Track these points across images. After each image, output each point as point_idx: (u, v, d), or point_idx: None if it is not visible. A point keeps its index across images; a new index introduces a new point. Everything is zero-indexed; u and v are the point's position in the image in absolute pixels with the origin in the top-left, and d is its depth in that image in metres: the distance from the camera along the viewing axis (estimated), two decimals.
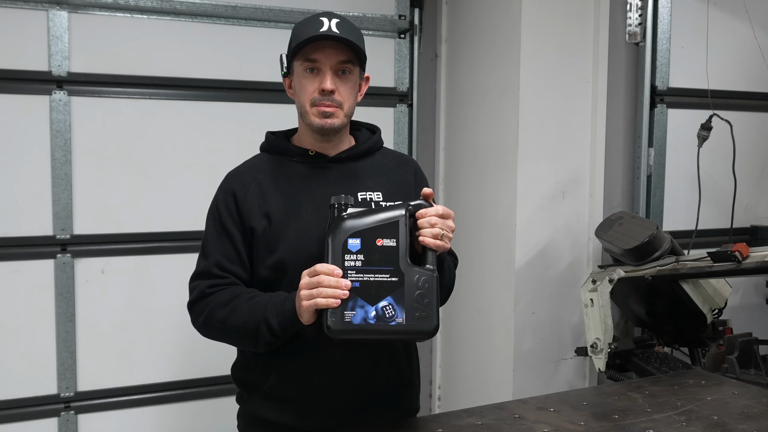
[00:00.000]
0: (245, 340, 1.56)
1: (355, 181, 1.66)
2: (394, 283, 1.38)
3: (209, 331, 1.62)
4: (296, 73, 1.61)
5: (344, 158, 1.67)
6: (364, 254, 1.38)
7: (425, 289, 1.39)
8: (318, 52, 1.56)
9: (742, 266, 2.30)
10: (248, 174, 1.67)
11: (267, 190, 1.63)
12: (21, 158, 2.56)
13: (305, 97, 1.59)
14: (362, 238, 1.39)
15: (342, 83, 1.59)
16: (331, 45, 1.56)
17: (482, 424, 1.58)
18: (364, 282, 1.37)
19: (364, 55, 1.61)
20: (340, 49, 1.57)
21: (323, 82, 1.56)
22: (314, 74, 1.58)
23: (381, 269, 1.38)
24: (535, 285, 2.79)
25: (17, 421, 2.60)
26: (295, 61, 1.61)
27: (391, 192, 1.67)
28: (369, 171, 1.69)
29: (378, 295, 1.37)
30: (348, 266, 1.37)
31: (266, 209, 1.60)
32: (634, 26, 3.00)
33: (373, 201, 1.64)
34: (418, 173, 1.78)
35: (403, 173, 1.74)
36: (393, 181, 1.70)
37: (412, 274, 1.39)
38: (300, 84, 1.60)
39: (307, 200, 1.61)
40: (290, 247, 1.58)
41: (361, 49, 1.59)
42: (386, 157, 1.76)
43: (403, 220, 1.42)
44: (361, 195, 1.64)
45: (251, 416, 1.68)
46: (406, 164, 1.78)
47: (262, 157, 1.72)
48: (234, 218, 1.63)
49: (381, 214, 1.43)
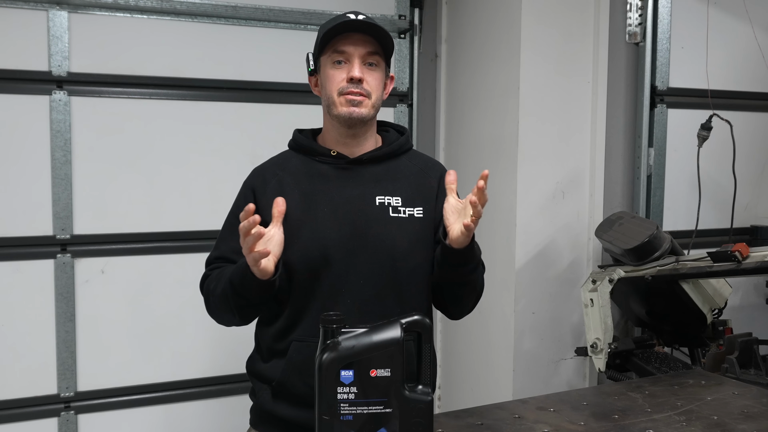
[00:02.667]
0: (227, 306, 1.58)
1: (375, 185, 1.64)
2: (388, 414, 1.33)
3: (211, 309, 1.66)
4: (324, 66, 1.62)
5: (366, 160, 1.66)
6: (357, 386, 1.32)
7: (420, 416, 1.34)
8: (347, 43, 1.58)
9: (742, 266, 2.30)
10: (271, 171, 1.69)
11: (287, 187, 1.63)
12: (21, 158, 2.56)
13: (332, 87, 1.60)
14: (355, 369, 1.32)
15: (370, 74, 1.60)
16: (360, 36, 1.58)
17: (482, 424, 1.58)
18: (357, 415, 1.32)
19: (390, 49, 1.63)
20: (367, 40, 1.59)
21: (351, 70, 1.58)
22: (342, 66, 1.60)
23: (375, 401, 1.33)
24: (535, 285, 2.79)
25: (17, 421, 2.60)
26: (322, 56, 1.62)
27: (410, 197, 1.66)
28: (391, 174, 1.67)
29: (371, 428, 1.33)
30: (341, 399, 1.32)
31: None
32: (634, 26, 3.00)
33: (390, 206, 1.63)
34: (443, 179, 1.72)
35: (427, 179, 1.71)
36: (414, 186, 1.68)
37: (406, 403, 1.34)
38: (327, 76, 1.61)
39: (324, 201, 1.62)
40: (302, 246, 1.58)
41: (388, 42, 1.61)
42: (412, 161, 1.73)
43: (398, 345, 1.33)
44: (379, 199, 1.63)
45: (262, 411, 1.69)
46: (431, 169, 1.74)
47: (288, 155, 1.73)
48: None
49: (375, 336, 1.34)
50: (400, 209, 1.64)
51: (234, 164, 2.78)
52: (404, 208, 1.64)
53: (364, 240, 1.60)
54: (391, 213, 1.63)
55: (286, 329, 1.62)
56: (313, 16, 2.88)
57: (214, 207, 2.72)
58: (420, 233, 1.64)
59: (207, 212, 2.77)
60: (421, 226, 1.65)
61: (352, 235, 1.60)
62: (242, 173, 1.76)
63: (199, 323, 2.74)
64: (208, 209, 2.78)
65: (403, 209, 1.64)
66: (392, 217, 1.63)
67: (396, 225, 1.62)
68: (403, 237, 1.62)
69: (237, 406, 2.85)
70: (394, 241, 1.61)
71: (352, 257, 1.60)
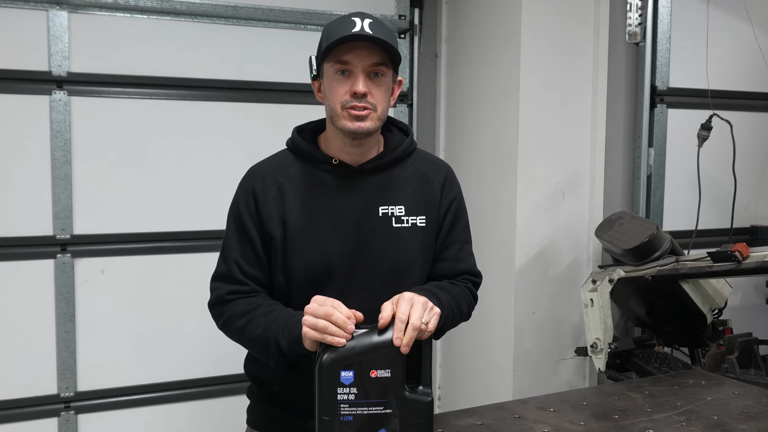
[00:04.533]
0: (259, 354, 1.54)
1: (378, 194, 1.60)
2: (388, 415, 1.33)
3: (229, 335, 1.61)
4: (326, 75, 1.54)
5: (369, 169, 1.60)
6: (357, 387, 1.32)
7: (420, 416, 1.35)
8: (350, 54, 1.49)
9: (742, 266, 2.30)
10: (270, 177, 1.60)
11: (287, 196, 1.57)
12: (21, 158, 2.56)
13: (336, 100, 1.51)
14: (355, 370, 1.32)
15: (374, 86, 1.51)
16: (364, 46, 1.48)
17: (482, 424, 1.58)
18: (357, 415, 1.33)
19: (398, 57, 1.54)
20: (372, 51, 1.49)
21: (355, 84, 1.49)
22: (345, 76, 1.50)
23: (375, 402, 1.33)
24: (535, 285, 2.79)
25: (17, 421, 2.60)
26: (325, 63, 1.53)
27: (414, 206, 1.62)
28: (394, 183, 1.63)
29: (372, 429, 1.33)
30: (341, 399, 1.32)
31: (284, 217, 1.56)
32: (634, 26, 3.00)
33: (394, 215, 1.60)
34: (448, 182, 1.69)
35: (429, 186, 1.65)
36: (417, 193, 1.64)
37: (406, 404, 1.34)
38: (330, 87, 1.53)
39: (326, 212, 1.57)
40: (304, 259, 1.55)
41: (395, 51, 1.51)
42: (416, 164, 1.67)
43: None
44: (383, 209, 1.60)
45: (260, 411, 1.68)
46: (434, 174, 1.68)
47: (287, 157, 1.64)
48: (254, 220, 1.58)
49: (375, 337, 1.34)
50: (403, 218, 1.61)
51: (234, 164, 2.77)
52: (407, 217, 1.61)
53: (367, 253, 1.58)
54: (394, 224, 1.60)
55: None
56: (313, 16, 2.88)
57: (213, 207, 2.73)
58: (422, 242, 1.63)
59: (207, 212, 2.77)
60: (423, 235, 1.63)
61: (354, 247, 1.57)
62: (242, 173, 1.74)
63: (198, 323, 2.74)
64: (207, 209, 2.78)
65: (406, 218, 1.61)
66: (395, 228, 1.60)
67: (398, 236, 1.60)
68: (406, 248, 1.60)
69: (236, 406, 2.83)
70: (396, 254, 1.59)
71: (355, 270, 1.58)
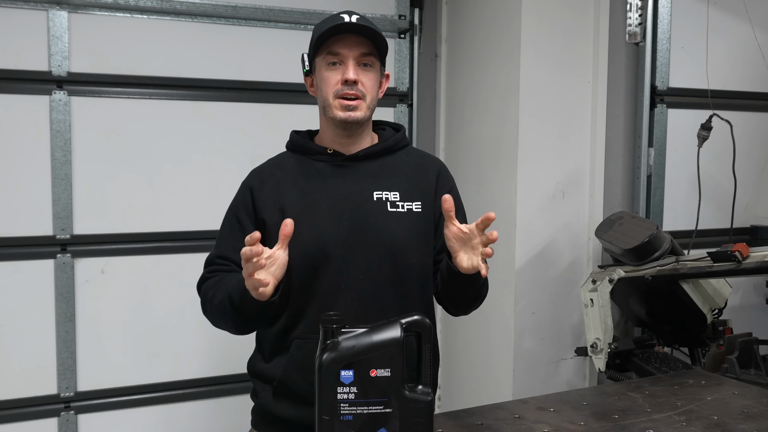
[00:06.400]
0: (224, 318, 1.59)
1: (372, 180, 1.65)
2: (387, 414, 1.33)
3: (207, 313, 1.66)
4: (319, 68, 1.64)
5: (362, 156, 1.67)
6: (357, 386, 1.32)
7: (420, 416, 1.35)
8: (340, 44, 1.59)
9: (742, 266, 2.29)
10: (268, 171, 1.70)
11: (284, 186, 1.65)
12: (21, 158, 2.56)
13: (328, 89, 1.61)
14: (355, 369, 1.32)
15: (364, 75, 1.61)
16: (353, 37, 1.59)
17: (482, 424, 1.58)
18: (357, 415, 1.33)
19: (384, 49, 1.64)
20: (361, 41, 1.60)
21: (346, 72, 1.59)
22: (336, 67, 1.61)
23: (375, 401, 1.33)
24: (535, 285, 2.79)
25: (17, 421, 2.60)
26: (317, 58, 1.64)
27: (409, 192, 1.67)
28: (388, 170, 1.68)
29: (371, 428, 1.33)
30: (341, 399, 1.32)
31: (281, 204, 1.62)
32: (634, 26, 2.99)
33: (388, 201, 1.64)
34: (442, 174, 1.75)
35: (425, 173, 1.72)
36: (412, 180, 1.69)
37: (406, 403, 1.34)
38: (322, 78, 1.62)
39: (322, 197, 1.63)
40: (301, 242, 1.58)
41: (381, 42, 1.62)
42: (409, 156, 1.75)
43: (398, 345, 1.33)
44: (377, 194, 1.64)
45: (264, 412, 1.69)
46: (429, 164, 1.75)
47: (286, 155, 1.74)
48: (248, 211, 1.66)
49: (375, 336, 1.34)
50: (398, 204, 1.64)
51: (234, 164, 2.78)
52: (402, 203, 1.65)
53: (363, 235, 1.61)
54: (389, 208, 1.64)
55: (287, 328, 1.62)
56: (313, 16, 2.88)
57: (213, 207, 2.73)
58: (419, 228, 1.65)
59: (207, 212, 2.78)
60: (419, 221, 1.66)
61: (350, 230, 1.61)
62: (242, 173, 1.76)
63: (199, 323, 2.71)
64: (207, 209, 2.78)
65: (402, 204, 1.65)
66: (390, 212, 1.64)
67: (394, 220, 1.63)
68: (402, 231, 1.63)
69: (236, 406, 2.85)
70: (392, 236, 1.62)
71: (351, 252, 1.60)
